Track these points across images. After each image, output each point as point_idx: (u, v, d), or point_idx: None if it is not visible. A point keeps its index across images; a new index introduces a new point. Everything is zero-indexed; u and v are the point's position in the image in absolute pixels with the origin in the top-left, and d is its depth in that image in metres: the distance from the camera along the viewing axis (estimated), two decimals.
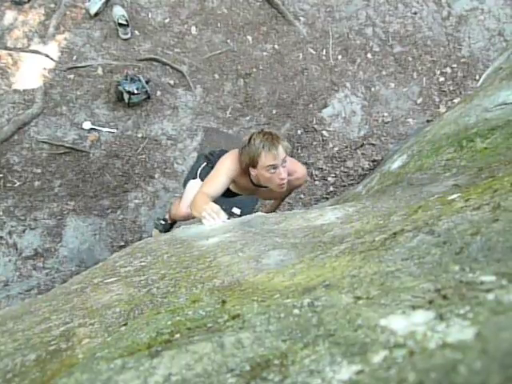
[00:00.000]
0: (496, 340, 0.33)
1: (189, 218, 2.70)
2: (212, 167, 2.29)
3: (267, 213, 2.62)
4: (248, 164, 2.10)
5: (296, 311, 0.57)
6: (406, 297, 0.49)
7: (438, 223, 0.76)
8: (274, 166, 2.04)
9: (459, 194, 0.99)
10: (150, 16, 3.94)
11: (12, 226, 3.25)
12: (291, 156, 2.46)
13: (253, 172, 2.13)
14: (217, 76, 3.89)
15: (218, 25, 4.02)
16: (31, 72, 3.60)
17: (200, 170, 2.64)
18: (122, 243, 3.32)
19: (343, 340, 0.45)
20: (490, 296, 0.41)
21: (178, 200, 2.89)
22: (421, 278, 0.54)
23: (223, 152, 2.44)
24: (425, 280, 0.52)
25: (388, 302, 0.50)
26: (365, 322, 0.47)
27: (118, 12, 3.75)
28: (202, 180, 2.44)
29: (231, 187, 2.36)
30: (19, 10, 3.72)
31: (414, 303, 0.47)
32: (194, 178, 2.68)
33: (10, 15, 3.69)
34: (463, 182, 1.31)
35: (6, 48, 3.61)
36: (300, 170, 2.39)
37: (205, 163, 2.63)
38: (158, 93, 3.75)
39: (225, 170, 2.16)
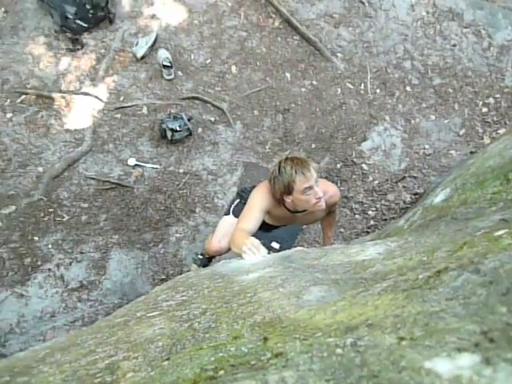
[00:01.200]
0: None
1: (221, 253, 2.72)
2: (245, 203, 2.32)
3: (325, 245, 2.62)
4: (283, 192, 2.11)
5: (339, 351, 0.57)
6: (451, 339, 0.48)
7: (484, 261, 0.74)
8: (310, 187, 2.06)
9: (506, 230, 0.96)
10: (192, 57, 4.12)
11: (60, 259, 3.38)
12: None
13: (288, 199, 2.14)
14: (256, 112, 3.99)
15: (257, 63, 4.16)
16: (82, 113, 3.83)
17: (233, 206, 2.68)
18: (163, 276, 3.37)
19: (387, 382, 0.45)
20: None
21: (210, 236, 2.93)
22: (466, 319, 0.53)
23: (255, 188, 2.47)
24: (470, 321, 0.51)
25: (432, 344, 0.49)
26: (409, 363, 0.46)
27: (163, 55, 3.96)
28: (236, 216, 2.47)
29: (267, 220, 2.36)
30: (73, 56, 3.99)
31: (459, 345, 0.46)
32: (227, 214, 2.71)
33: (64, 61, 3.97)
34: (510, 216, 1.26)
35: (60, 91, 3.87)
36: (331, 188, 2.41)
37: (238, 200, 2.67)
38: (200, 129, 3.87)
39: (258, 203, 2.19)
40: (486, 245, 0.89)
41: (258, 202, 2.20)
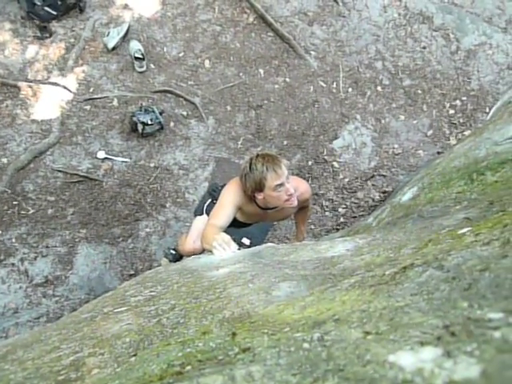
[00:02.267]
0: (501, 379, 0.34)
1: (195, 253, 2.70)
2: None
3: (299, 241, 2.65)
4: (254, 189, 2.11)
5: (306, 345, 0.58)
6: (414, 333, 0.50)
7: (448, 258, 0.76)
8: (281, 184, 2.06)
9: (469, 228, 0.99)
10: (165, 50, 4.07)
11: (24, 253, 3.28)
12: None
13: (259, 196, 2.14)
14: (229, 108, 3.97)
15: (231, 58, 4.14)
16: (49, 103, 3.72)
17: (206, 206, 2.68)
18: (132, 272, 3.33)
19: (352, 375, 0.46)
20: (497, 334, 0.42)
21: (184, 235, 2.90)
22: (429, 313, 0.54)
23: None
24: (433, 316, 0.53)
25: (397, 338, 0.50)
26: (374, 357, 0.47)
27: (135, 46, 3.89)
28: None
29: (239, 217, 2.36)
30: (41, 45, 3.87)
31: (422, 339, 0.47)
32: (200, 215, 2.70)
33: (32, 49, 3.84)
34: (474, 215, 1.31)
35: (26, 80, 3.74)
36: (302, 185, 2.43)
37: (210, 199, 2.67)
38: (171, 124, 3.83)
39: (229, 200, 2.18)
40: (450, 242, 0.91)
41: (230, 199, 2.19)
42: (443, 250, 0.85)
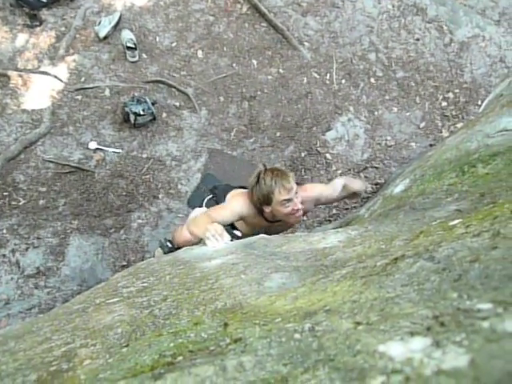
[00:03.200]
0: (488, 368, 0.34)
1: (191, 243, 2.70)
2: (216, 201, 2.39)
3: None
4: (262, 202, 2.12)
5: (297, 336, 0.58)
6: (404, 323, 0.50)
7: (439, 249, 0.76)
8: (289, 200, 2.08)
9: (460, 220, 1.00)
10: (157, 40, 4.02)
11: (15, 244, 3.25)
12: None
13: (267, 209, 2.16)
14: (222, 98, 3.95)
15: (224, 49, 4.11)
16: (40, 93, 3.67)
17: (206, 200, 2.68)
18: (125, 263, 3.32)
19: (342, 365, 0.46)
20: (486, 324, 0.42)
21: (180, 227, 2.90)
22: (420, 304, 0.55)
23: (228, 187, 2.53)
24: (423, 307, 0.53)
25: (387, 328, 0.50)
26: (364, 347, 0.48)
27: (127, 36, 3.84)
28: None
29: (243, 229, 2.35)
30: (31, 33, 3.81)
31: (412, 330, 0.48)
32: (199, 206, 2.71)
33: (21, 38, 3.79)
34: (465, 207, 1.32)
35: (16, 69, 3.69)
36: (323, 190, 2.51)
37: (210, 196, 2.67)
38: (164, 114, 3.80)
39: (235, 208, 2.20)
40: (441, 234, 0.92)
41: (235, 208, 2.20)
42: (434, 241, 0.86)
